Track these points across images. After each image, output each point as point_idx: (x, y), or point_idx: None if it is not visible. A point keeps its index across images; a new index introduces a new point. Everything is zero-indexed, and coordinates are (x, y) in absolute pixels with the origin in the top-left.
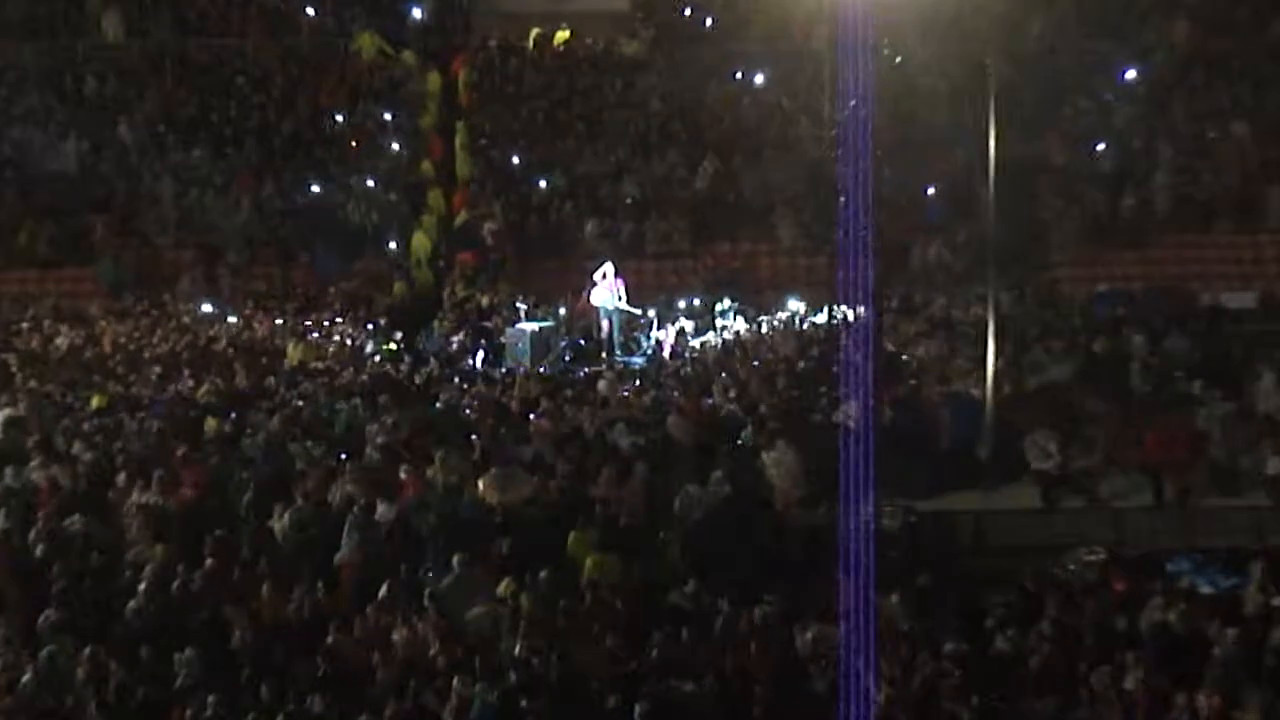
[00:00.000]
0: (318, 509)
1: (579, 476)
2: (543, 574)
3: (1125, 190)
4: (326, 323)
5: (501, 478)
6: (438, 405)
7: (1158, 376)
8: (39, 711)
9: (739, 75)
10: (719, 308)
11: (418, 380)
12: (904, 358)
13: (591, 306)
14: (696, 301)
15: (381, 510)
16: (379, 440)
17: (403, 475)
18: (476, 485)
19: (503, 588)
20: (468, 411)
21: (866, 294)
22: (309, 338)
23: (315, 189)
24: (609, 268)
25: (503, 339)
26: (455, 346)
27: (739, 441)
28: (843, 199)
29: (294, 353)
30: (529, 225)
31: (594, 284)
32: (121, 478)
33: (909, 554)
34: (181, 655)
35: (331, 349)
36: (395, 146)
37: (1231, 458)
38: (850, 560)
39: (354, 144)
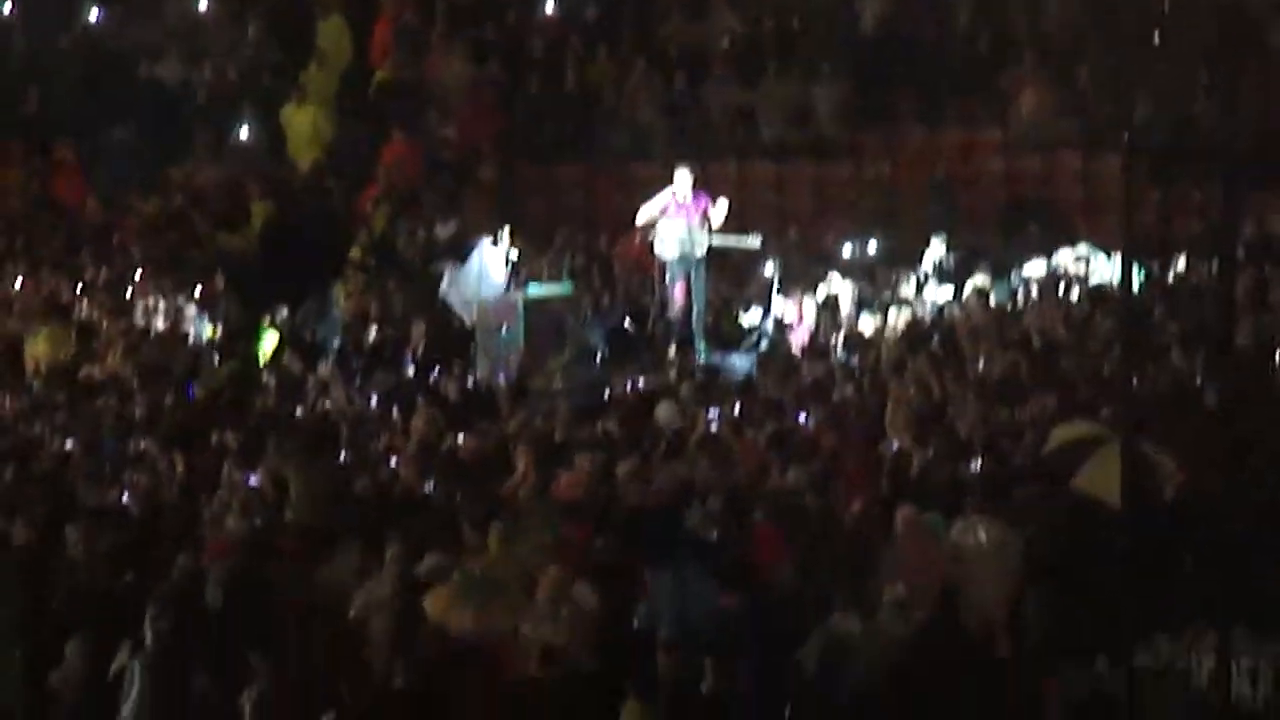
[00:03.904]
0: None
1: (624, 601)
2: None
3: None
4: (122, 286)
5: (474, 588)
6: (342, 455)
7: None
8: None
9: None
10: (928, 259)
11: (302, 405)
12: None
13: (648, 254)
14: (867, 245)
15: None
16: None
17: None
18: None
19: None
20: (394, 465)
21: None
22: (74, 315)
23: (94, 14)
24: (683, 179)
25: (471, 320)
26: (374, 335)
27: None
28: (1159, 36)
29: (39, 347)
30: (524, 92)
31: (654, 211)
32: None
33: None
34: None
35: (123, 343)
36: None
37: None
38: None
39: None
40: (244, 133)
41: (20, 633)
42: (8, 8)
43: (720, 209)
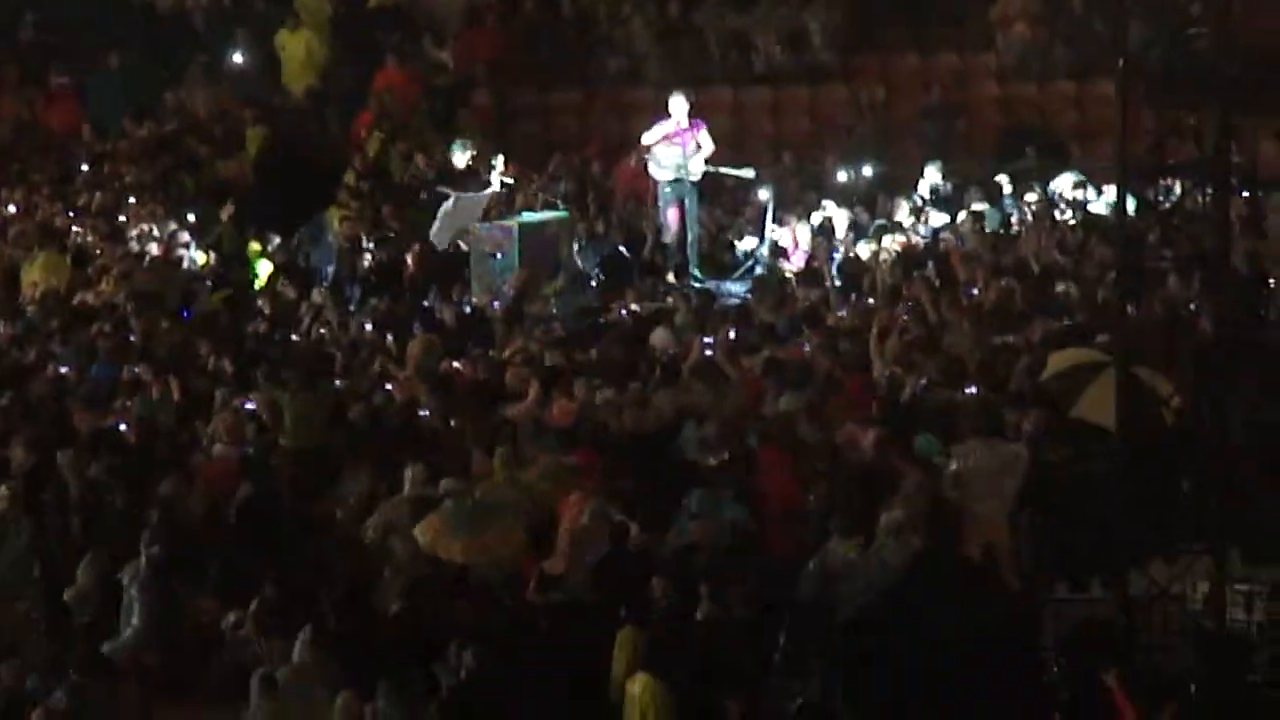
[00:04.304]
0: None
1: (626, 528)
2: None
3: None
4: (116, 212)
5: (464, 516)
6: (335, 384)
7: None
8: None
9: None
10: (923, 185)
11: (297, 331)
12: None
13: (645, 178)
14: (862, 171)
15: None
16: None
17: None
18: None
19: None
20: (387, 392)
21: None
22: (69, 240)
23: None
24: (679, 105)
25: (465, 243)
26: (370, 261)
27: (924, 457)
28: None
29: (35, 273)
30: (519, 17)
31: (650, 137)
32: None
33: None
34: None
35: (117, 269)
36: None
37: None
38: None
39: None
40: (238, 58)
41: (34, 551)
42: None
43: (706, 138)
